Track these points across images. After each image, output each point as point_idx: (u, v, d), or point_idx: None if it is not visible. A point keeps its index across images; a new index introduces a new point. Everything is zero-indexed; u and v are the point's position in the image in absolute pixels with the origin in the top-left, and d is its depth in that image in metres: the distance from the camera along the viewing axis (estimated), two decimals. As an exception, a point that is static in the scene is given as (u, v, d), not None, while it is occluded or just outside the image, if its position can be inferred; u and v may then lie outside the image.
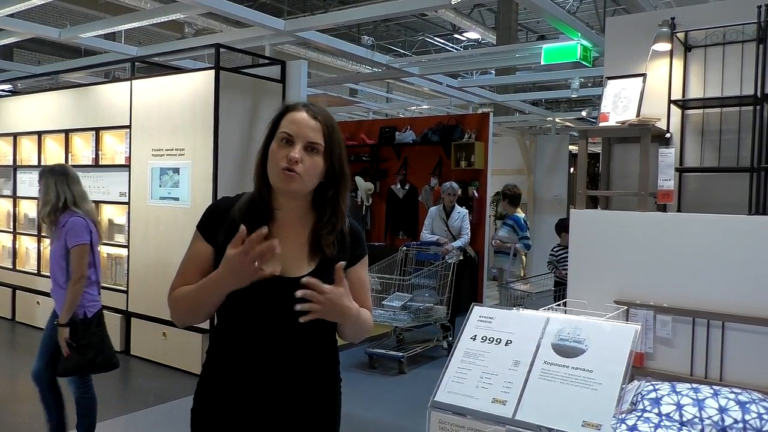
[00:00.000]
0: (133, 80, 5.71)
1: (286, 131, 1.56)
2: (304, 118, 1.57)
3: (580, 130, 3.42)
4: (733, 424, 2.20)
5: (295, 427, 1.60)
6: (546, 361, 1.71)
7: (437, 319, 5.88)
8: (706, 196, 3.23)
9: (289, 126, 1.57)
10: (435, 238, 6.36)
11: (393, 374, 5.43)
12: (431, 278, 5.93)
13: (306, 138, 1.56)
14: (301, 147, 1.55)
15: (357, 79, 10.97)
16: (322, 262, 1.61)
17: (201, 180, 5.12)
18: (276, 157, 1.55)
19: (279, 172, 1.54)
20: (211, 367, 1.64)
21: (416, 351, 5.77)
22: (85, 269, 3.26)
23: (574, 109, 15.53)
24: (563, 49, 6.15)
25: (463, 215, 6.50)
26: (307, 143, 1.56)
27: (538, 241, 11.18)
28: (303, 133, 1.56)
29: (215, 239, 1.61)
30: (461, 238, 6.37)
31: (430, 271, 5.92)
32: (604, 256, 2.96)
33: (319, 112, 1.61)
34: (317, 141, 1.57)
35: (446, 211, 6.55)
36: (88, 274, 3.31)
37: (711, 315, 2.65)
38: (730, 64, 3.14)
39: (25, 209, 7.08)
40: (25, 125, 6.88)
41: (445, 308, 5.87)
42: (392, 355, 5.58)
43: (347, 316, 1.54)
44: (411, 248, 6.32)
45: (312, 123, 1.57)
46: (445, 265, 5.91)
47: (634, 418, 2.27)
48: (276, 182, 1.57)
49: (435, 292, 5.88)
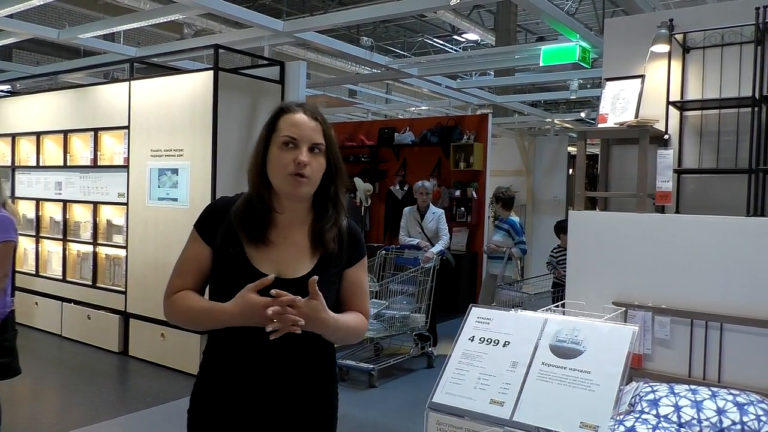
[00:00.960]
0: (132, 81, 5.70)
1: (289, 135, 1.55)
2: (305, 120, 1.57)
3: (579, 131, 3.42)
4: (731, 426, 2.20)
5: (292, 428, 1.60)
6: (544, 363, 1.71)
7: (413, 328, 5.49)
8: (705, 198, 3.23)
9: (291, 129, 1.56)
10: (415, 242, 6.02)
11: (363, 388, 5.02)
12: (409, 284, 5.58)
13: (310, 140, 1.55)
14: (306, 149, 1.54)
15: (356, 80, 10.97)
16: (322, 258, 1.61)
17: (200, 181, 5.12)
18: (281, 162, 1.54)
19: (287, 177, 1.53)
20: (208, 368, 1.64)
21: (389, 363, 5.33)
22: (8, 268, 3.17)
23: (573, 110, 15.54)
24: (562, 51, 6.16)
25: (438, 216, 6.13)
26: (312, 144, 1.56)
27: (536, 243, 11.19)
28: (306, 135, 1.55)
29: (213, 240, 1.60)
30: (440, 241, 5.99)
31: (408, 276, 5.55)
32: (602, 257, 2.96)
33: (316, 111, 1.61)
34: (320, 141, 1.57)
35: (420, 211, 6.24)
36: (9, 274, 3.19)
37: (709, 316, 2.66)
38: (728, 66, 3.15)
39: (23, 210, 7.07)
40: (24, 126, 6.87)
41: (423, 316, 5.53)
42: (362, 368, 5.17)
43: (323, 328, 1.53)
44: (390, 251, 5.97)
45: (312, 124, 1.57)
46: (424, 271, 5.59)
47: (632, 419, 2.27)
48: (283, 187, 1.56)
49: (413, 299, 5.53)
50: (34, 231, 6.80)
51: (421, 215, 6.20)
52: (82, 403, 4.54)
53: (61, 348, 6.03)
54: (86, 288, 6.17)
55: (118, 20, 6.62)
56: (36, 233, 6.77)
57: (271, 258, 1.58)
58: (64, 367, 5.59)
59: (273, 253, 1.58)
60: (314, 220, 1.63)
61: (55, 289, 6.48)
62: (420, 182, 6.30)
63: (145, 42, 11.62)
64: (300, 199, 1.59)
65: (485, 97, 9.99)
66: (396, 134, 8.92)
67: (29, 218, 6.93)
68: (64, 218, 6.47)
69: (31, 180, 6.88)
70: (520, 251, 6.23)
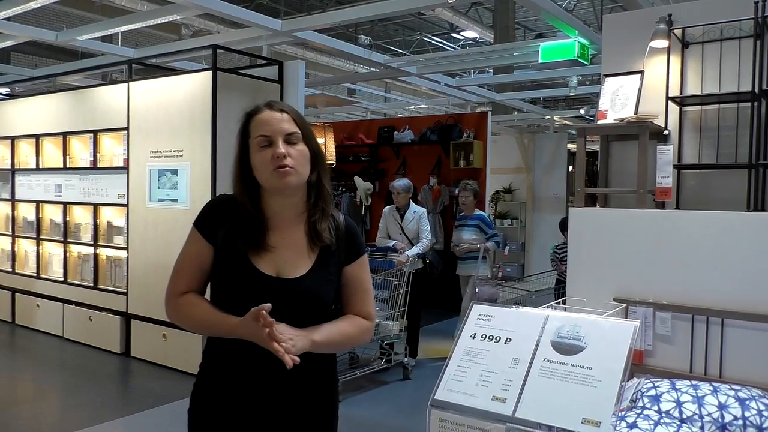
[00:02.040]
0: (131, 82, 5.70)
1: (261, 134, 1.56)
2: (272, 115, 1.57)
3: (579, 128, 3.42)
4: (732, 421, 2.20)
5: (292, 427, 1.60)
6: (546, 359, 1.71)
7: (384, 337, 5.07)
8: (705, 193, 3.23)
9: (261, 128, 1.56)
10: (391, 243, 5.57)
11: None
12: (383, 289, 5.12)
13: (283, 131, 1.56)
14: (282, 141, 1.54)
15: (355, 79, 10.97)
16: (321, 255, 1.61)
17: (199, 181, 5.12)
18: (263, 162, 1.54)
19: (271, 173, 1.54)
20: (208, 368, 1.64)
21: (355, 375, 4.94)
22: None
23: (572, 107, 15.53)
24: (561, 47, 6.15)
25: (419, 215, 5.67)
26: (286, 135, 1.56)
27: (536, 240, 11.19)
28: (278, 129, 1.56)
29: (215, 238, 1.60)
30: (419, 242, 5.54)
31: (380, 280, 5.12)
32: (603, 254, 2.96)
33: (282, 104, 1.62)
34: (294, 130, 1.57)
35: (400, 211, 5.75)
36: None
37: (710, 312, 2.65)
38: (727, 61, 3.14)
39: (23, 212, 7.07)
40: (23, 128, 6.87)
41: (396, 324, 5.11)
42: None
43: (311, 350, 1.53)
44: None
45: (280, 116, 1.58)
46: (399, 275, 5.15)
47: (634, 415, 2.27)
48: (271, 183, 1.56)
49: (386, 305, 5.12)
50: (34, 233, 6.79)
51: (400, 215, 5.74)
52: (85, 405, 4.54)
53: (62, 349, 6.03)
54: (87, 289, 6.17)
55: (116, 22, 6.62)
56: (37, 235, 6.77)
57: (270, 257, 1.58)
58: (65, 368, 5.59)
59: (272, 253, 1.59)
60: (309, 213, 1.63)
61: (57, 290, 6.48)
62: (397, 180, 5.86)
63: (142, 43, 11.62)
64: (291, 192, 1.59)
65: (484, 94, 9.98)
66: (395, 133, 8.92)
67: (29, 221, 6.93)
68: (64, 220, 6.47)
69: (31, 182, 6.88)
70: (496, 244, 5.91)
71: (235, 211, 1.60)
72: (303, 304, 1.57)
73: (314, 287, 1.58)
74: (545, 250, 6.40)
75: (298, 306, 1.57)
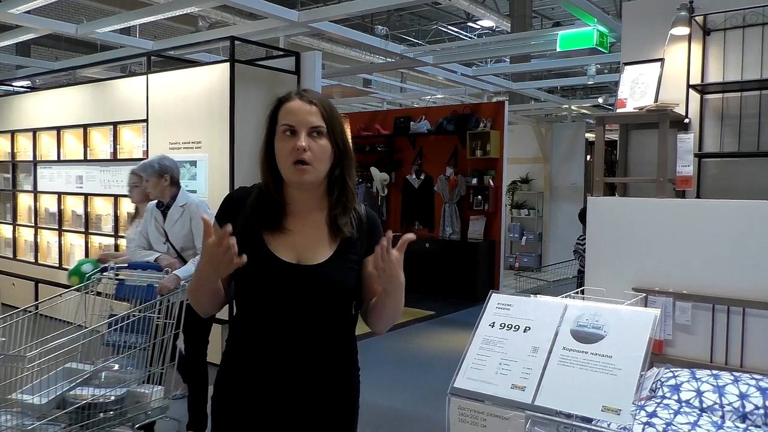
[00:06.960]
0: (149, 74, 5.75)
1: (286, 123, 1.56)
2: (301, 106, 1.57)
3: (597, 117, 3.39)
4: (754, 410, 2.19)
5: (313, 415, 1.61)
6: (565, 347, 1.72)
7: (138, 417, 2.86)
8: (726, 182, 3.20)
9: (288, 117, 1.57)
10: (152, 257, 3.45)
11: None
12: (136, 333, 3.00)
13: (308, 124, 1.56)
14: (305, 134, 1.55)
15: (371, 69, 10.94)
16: (342, 243, 1.62)
17: (218, 172, 5.16)
18: (284, 152, 1.55)
19: (290, 166, 1.54)
20: (231, 356, 1.66)
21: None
22: None
23: (590, 96, 15.37)
24: (579, 36, 6.09)
25: (192, 209, 3.49)
26: (310, 128, 1.56)
27: (554, 230, 11.13)
28: (303, 120, 1.56)
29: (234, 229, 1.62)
30: (195, 257, 3.38)
31: (133, 318, 2.98)
32: (622, 243, 2.95)
33: (314, 96, 1.61)
34: (319, 124, 1.57)
35: (160, 208, 3.59)
36: None
37: (731, 301, 2.63)
38: (750, 48, 3.10)
39: (45, 204, 7.18)
40: (44, 121, 6.96)
41: (160, 390, 2.96)
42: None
43: (400, 284, 1.53)
44: (113, 271, 3.31)
45: (309, 108, 1.57)
46: (164, 309, 3.05)
47: (654, 404, 2.27)
48: (289, 177, 1.57)
49: (141, 359, 2.99)
50: (56, 224, 6.90)
51: (162, 215, 3.57)
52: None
53: (85, 339, 6.11)
54: (108, 280, 6.25)
55: (135, 14, 6.66)
56: (59, 227, 6.87)
57: (289, 244, 1.59)
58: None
59: (291, 240, 1.60)
60: (330, 206, 1.64)
61: (78, 281, 6.57)
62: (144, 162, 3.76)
63: (160, 35, 11.68)
64: (306, 188, 1.60)
65: (501, 84, 9.91)
66: (412, 123, 8.91)
67: (51, 212, 7.04)
68: (85, 211, 6.56)
69: (53, 174, 6.98)
70: None
71: (255, 199, 1.62)
72: (323, 291, 1.58)
73: (335, 274, 1.59)
74: (563, 240, 6.36)
75: (318, 293, 1.57)
